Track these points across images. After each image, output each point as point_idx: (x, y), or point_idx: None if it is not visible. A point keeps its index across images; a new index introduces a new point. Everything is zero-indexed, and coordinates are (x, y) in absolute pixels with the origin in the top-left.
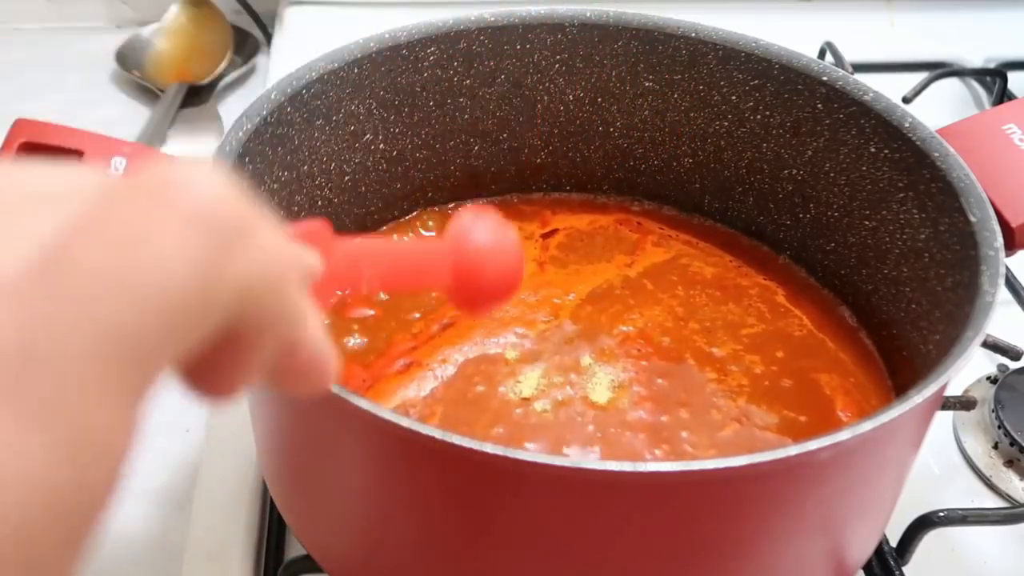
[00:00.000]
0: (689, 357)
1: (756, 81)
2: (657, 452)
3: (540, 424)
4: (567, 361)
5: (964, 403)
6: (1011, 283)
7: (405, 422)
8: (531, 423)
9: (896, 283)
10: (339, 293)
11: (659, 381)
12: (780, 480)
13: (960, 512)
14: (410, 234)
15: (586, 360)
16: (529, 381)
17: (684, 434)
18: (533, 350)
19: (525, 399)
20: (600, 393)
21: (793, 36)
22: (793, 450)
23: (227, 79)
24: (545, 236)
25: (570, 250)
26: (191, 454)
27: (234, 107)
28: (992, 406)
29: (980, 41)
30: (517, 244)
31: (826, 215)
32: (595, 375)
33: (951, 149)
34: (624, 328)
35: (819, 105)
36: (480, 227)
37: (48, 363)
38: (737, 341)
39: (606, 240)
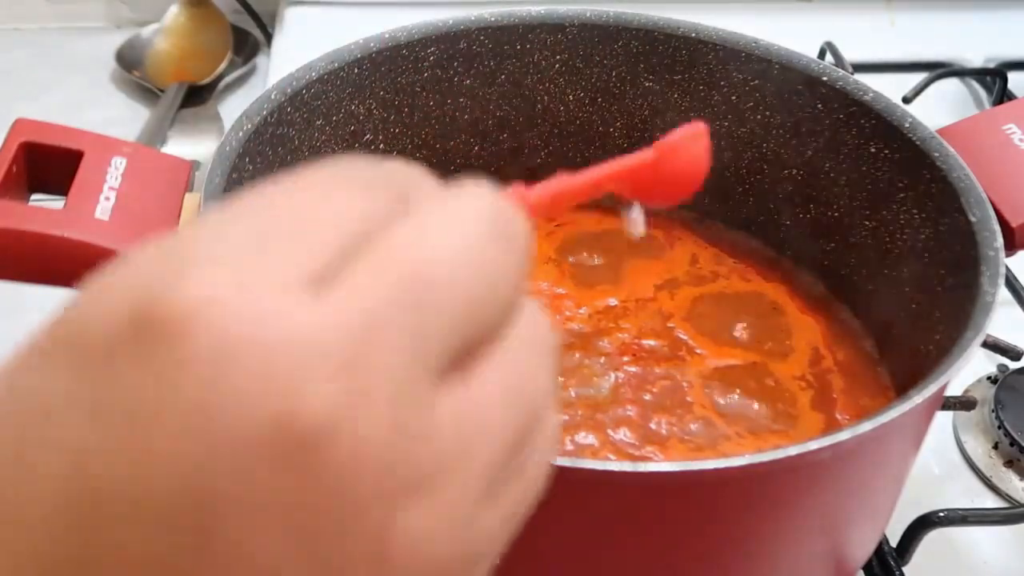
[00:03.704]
0: (686, 356)
1: (756, 81)
2: (654, 453)
3: None
4: (566, 363)
5: (964, 403)
6: (1011, 283)
7: None
8: None
9: (896, 283)
10: None
11: (656, 382)
12: (780, 480)
13: (960, 512)
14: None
15: (585, 361)
16: None
17: (681, 435)
18: None
19: None
20: (598, 394)
21: (793, 36)
22: (793, 450)
23: (227, 79)
24: (552, 230)
25: (570, 252)
26: None
27: (234, 107)
28: (992, 406)
29: (980, 41)
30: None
31: (826, 215)
32: (593, 377)
33: (951, 149)
34: (624, 325)
35: (819, 105)
36: (689, 137)
37: None
38: (736, 342)
39: (606, 241)
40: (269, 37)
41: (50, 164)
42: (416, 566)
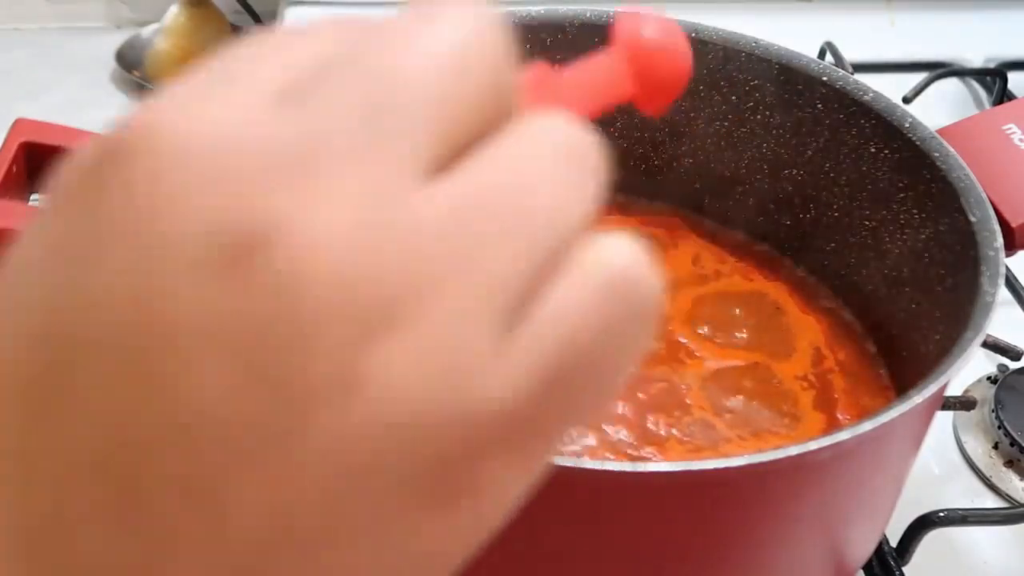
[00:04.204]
0: (685, 358)
1: (756, 81)
2: (653, 454)
3: None
4: None
5: (964, 403)
6: (1011, 283)
7: None
8: None
9: (896, 283)
10: None
11: (654, 382)
12: (780, 480)
13: (960, 512)
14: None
15: None
16: None
17: (680, 436)
18: None
19: None
20: None
21: (793, 36)
22: (793, 450)
23: None
24: None
25: None
26: None
27: None
28: (992, 406)
29: (980, 41)
30: (682, 32)
31: (826, 215)
32: None
33: (951, 149)
34: None
35: (819, 105)
36: (649, 25)
37: None
38: (735, 342)
39: None
40: None
41: (50, 164)
42: (396, 410)
